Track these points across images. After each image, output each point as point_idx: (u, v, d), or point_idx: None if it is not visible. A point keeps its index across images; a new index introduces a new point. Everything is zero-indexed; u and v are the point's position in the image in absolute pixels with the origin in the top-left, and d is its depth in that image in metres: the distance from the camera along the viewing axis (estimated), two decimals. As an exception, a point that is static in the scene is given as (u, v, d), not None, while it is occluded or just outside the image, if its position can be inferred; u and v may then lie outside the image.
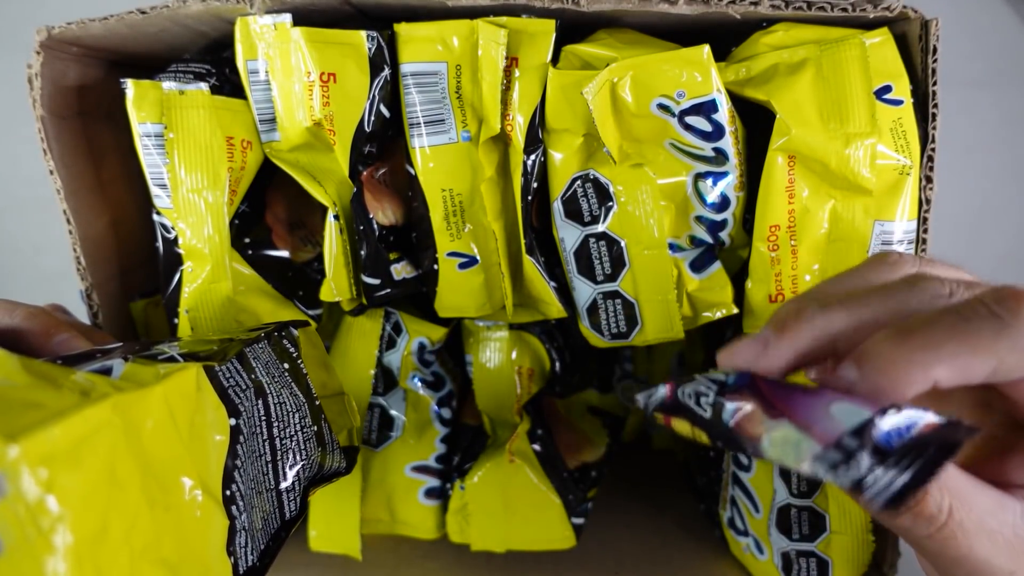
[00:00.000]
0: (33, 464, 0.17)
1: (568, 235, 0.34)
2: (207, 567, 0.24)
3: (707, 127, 0.32)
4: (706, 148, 0.32)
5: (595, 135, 0.32)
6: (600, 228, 0.34)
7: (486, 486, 0.39)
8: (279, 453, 0.29)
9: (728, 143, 0.32)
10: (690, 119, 0.32)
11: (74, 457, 0.18)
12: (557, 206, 0.34)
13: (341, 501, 0.40)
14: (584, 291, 0.35)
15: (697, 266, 0.35)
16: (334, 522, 0.40)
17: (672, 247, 0.35)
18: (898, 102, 0.31)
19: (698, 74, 0.31)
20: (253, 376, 0.28)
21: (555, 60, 0.33)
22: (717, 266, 0.35)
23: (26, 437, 0.17)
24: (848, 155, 0.31)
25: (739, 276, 0.35)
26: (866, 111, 0.31)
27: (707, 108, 0.31)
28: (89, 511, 0.19)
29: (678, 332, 0.34)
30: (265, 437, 0.28)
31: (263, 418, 0.28)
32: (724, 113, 0.31)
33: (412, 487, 0.41)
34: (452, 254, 0.35)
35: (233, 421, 0.26)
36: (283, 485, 0.29)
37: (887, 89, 0.31)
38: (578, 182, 0.34)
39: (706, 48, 0.31)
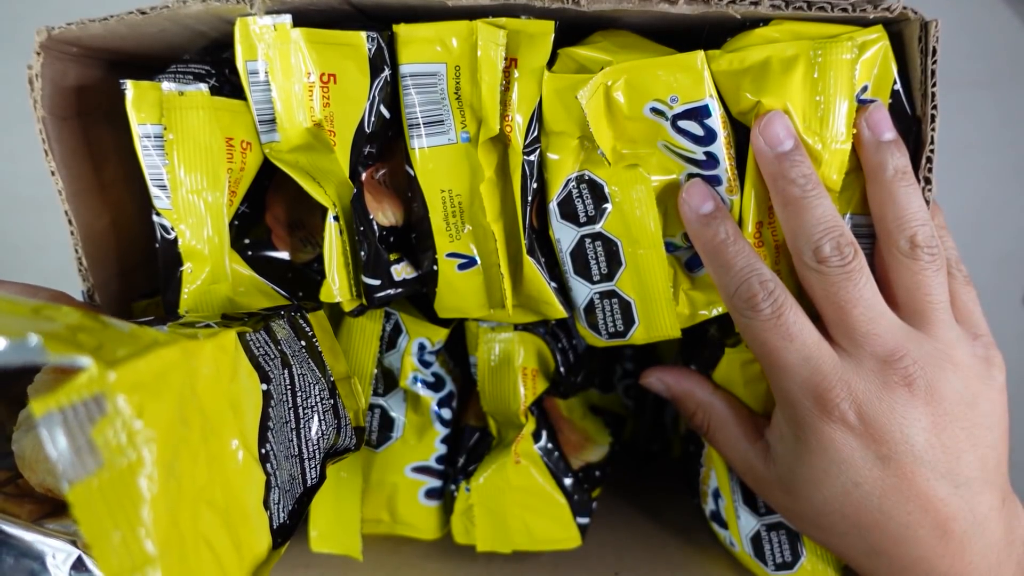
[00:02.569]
0: (127, 390, 0.19)
1: (564, 236, 0.34)
2: (248, 518, 0.26)
3: (699, 131, 0.32)
4: (697, 152, 0.32)
5: (589, 137, 0.32)
6: (596, 228, 0.34)
7: (492, 488, 0.39)
8: (302, 422, 0.30)
9: (720, 147, 0.32)
10: (683, 123, 0.32)
11: (156, 389, 0.21)
12: (553, 207, 0.34)
13: (342, 502, 0.40)
14: (581, 291, 0.35)
15: (692, 265, 0.35)
16: (335, 523, 0.40)
17: (668, 246, 0.35)
18: (871, 101, 0.32)
19: (691, 80, 0.31)
20: (279, 347, 0.29)
21: (551, 63, 0.33)
22: None
23: (122, 365, 0.19)
24: (823, 159, 0.31)
25: None
26: (846, 117, 0.31)
27: (700, 113, 0.31)
28: (166, 440, 0.20)
29: (675, 331, 0.35)
30: (290, 405, 0.29)
31: (288, 387, 0.29)
32: (716, 118, 0.31)
33: (413, 488, 0.41)
34: (452, 255, 0.35)
35: (265, 386, 0.28)
36: (305, 453, 0.30)
37: (866, 89, 0.32)
38: (573, 183, 0.34)
39: (700, 54, 0.31)
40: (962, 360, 0.30)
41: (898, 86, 0.32)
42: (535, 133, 0.33)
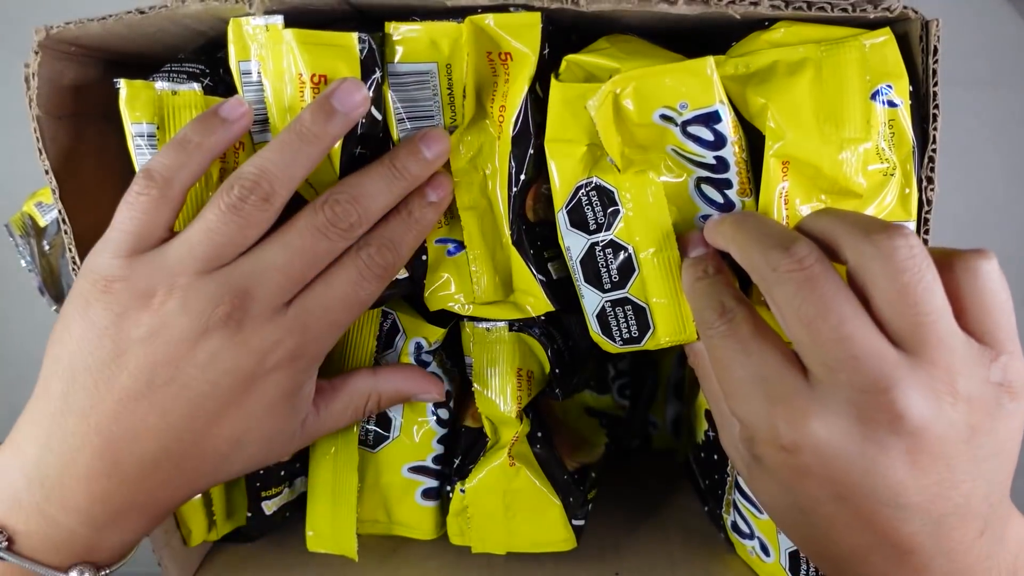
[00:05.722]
0: None
1: (574, 243, 0.34)
2: None
3: (709, 136, 0.32)
4: (707, 156, 0.32)
5: (598, 144, 0.32)
6: (606, 235, 0.33)
7: (487, 489, 0.39)
8: None
9: (730, 152, 0.32)
10: (692, 129, 0.32)
11: None
12: (562, 216, 0.34)
13: (338, 502, 0.40)
14: (592, 300, 0.34)
15: None
16: (331, 523, 0.40)
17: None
18: (894, 104, 0.31)
19: (701, 86, 0.31)
20: None
21: (556, 70, 0.33)
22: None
23: None
24: (841, 160, 0.31)
25: (745, 276, 0.35)
26: (862, 116, 0.31)
27: (710, 119, 0.31)
28: None
29: (691, 334, 0.33)
30: None
31: None
32: (727, 123, 0.31)
33: (409, 488, 0.41)
34: (441, 240, 0.36)
35: None
36: None
37: (885, 90, 0.31)
38: (582, 190, 0.33)
39: (709, 60, 0.31)
40: (966, 391, 0.25)
41: (911, 87, 0.31)
42: (527, 124, 0.33)
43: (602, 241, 0.33)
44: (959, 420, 0.25)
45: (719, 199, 0.33)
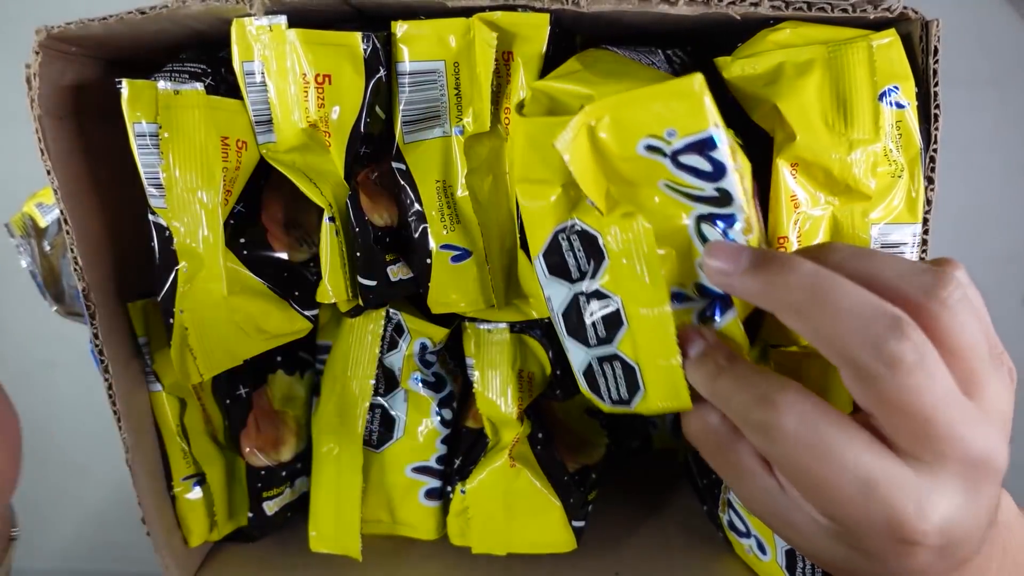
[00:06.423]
0: None
1: (555, 293, 0.30)
2: None
3: (706, 166, 0.25)
4: (707, 188, 0.26)
5: (576, 185, 0.27)
6: (590, 285, 0.29)
7: (487, 490, 0.39)
8: None
9: (732, 182, 0.26)
10: (685, 158, 0.25)
11: None
12: (539, 263, 0.30)
13: (341, 502, 0.40)
14: (577, 355, 0.31)
15: (707, 317, 0.29)
16: (334, 523, 0.40)
17: (678, 297, 0.29)
18: (901, 106, 0.31)
19: (689, 108, 0.24)
20: None
21: (521, 103, 0.32)
22: (732, 316, 0.29)
23: None
24: (851, 161, 0.30)
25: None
26: (870, 117, 0.30)
27: (704, 146, 0.25)
28: None
29: (684, 402, 0.28)
30: None
31: None
32: (724, 149, 0.25)
33: (412, 488, 0.41)
34: (446, 247, 0.35)
35: None
36: None
37: (892, 92, 0.31)
38: (562, 235, 0.29)
39: (698, 78, 0.24)
40: (1008, 411, 0.26)
41: (916, 88, 0.31)
42: None
43: (586, 291, 0.29)
44: (1006, 448, 0.25)
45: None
